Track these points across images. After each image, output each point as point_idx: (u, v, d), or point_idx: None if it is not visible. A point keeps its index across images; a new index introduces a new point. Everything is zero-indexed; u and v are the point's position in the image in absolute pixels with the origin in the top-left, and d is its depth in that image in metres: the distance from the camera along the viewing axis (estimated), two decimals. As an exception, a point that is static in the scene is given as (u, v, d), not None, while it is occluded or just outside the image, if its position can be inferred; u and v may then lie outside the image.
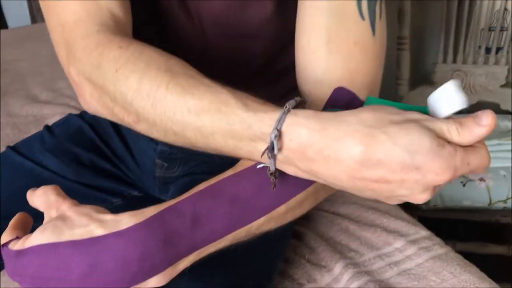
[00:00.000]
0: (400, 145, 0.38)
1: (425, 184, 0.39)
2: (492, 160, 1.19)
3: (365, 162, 0.38)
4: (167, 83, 0.44)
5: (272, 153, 0.41)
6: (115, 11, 0.55)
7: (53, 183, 0.76)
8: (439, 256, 0.75)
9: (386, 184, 0.39)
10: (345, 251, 0.76)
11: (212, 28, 0.66)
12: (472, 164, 0.40)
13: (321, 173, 0.41)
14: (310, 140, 0.40)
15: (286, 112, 0.41)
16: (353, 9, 0.53)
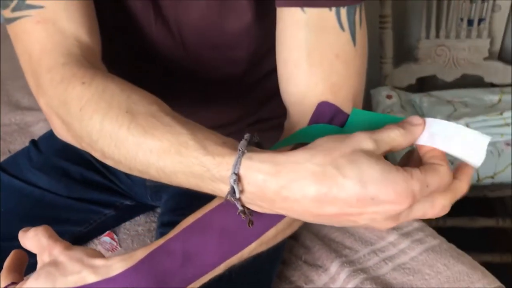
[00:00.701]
0: (351, 178, 0.38)
1: (384, 214, 0.39)
2: (479, 137, 1.21)
3: (321, 199, 0.39)
4: (128, 124, 0.45)
5: (234, 196, 0.41)
6: (81, 37, 0.55)
7: (44, 201, 0.78)
8: (432, 248, 0.76)
9: (347, 216, 0.39)
10: (340, 248, 0.77)
11: (192, 38, 0.65)
12: (432, 185, 0.39)
13: (284, 211, 0.42)
14: (267, 184, 0.40)
15: (241, 156, 0.41)
16: (332, 20, 0.52)
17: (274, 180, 0.40)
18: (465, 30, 1.42)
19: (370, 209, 0.38)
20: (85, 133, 0.48)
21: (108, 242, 0.83)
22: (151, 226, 0.86)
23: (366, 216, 0.39)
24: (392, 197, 0.37)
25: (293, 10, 0.52)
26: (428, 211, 0.40)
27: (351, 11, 0.52)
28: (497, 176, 1.20)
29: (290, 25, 0.53)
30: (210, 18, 0.62)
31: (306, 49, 0.52)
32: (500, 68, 1.46)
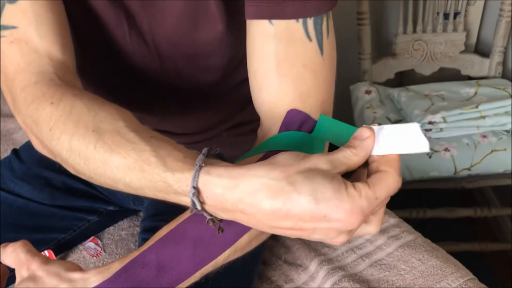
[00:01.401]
0: (305, 194, 0.39)
1: (336, 230, 0.41)
2: (456, 130, 1.24)
3: (276, 213, 0.40)
4: (94, 143, 0.47)
5: (196, 208, 0.43)
6: (54, 55, 0.56)
7: (27, 210, 0.79)
8: (407, 244, 0.79)
9: (301, 231, 0.42)
10: (319, 247, 0.80)
11: (167, 48, 0.66)
12: (381, 196, 0.41)
13: (244, 222, 0.44)
14: (225, 197, 0.42)
15: (199, 170, 0.43)
16: (300, 31, 0.53)
17: (231, 193, 0.41)
18: (442, 24, 1.45)
19: (323, 225, 0.40)
20: (56, 152, 0.50)
21: (92, 247, 0.84)
22: (135, 230, 0.87)
23: (320, 231, 0.41)
24: (342, 216, 0.39)
25: (261, 23, 0.54)
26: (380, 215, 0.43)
27: (317, 21, 0.54)
28: (473, 168, 1.23)
29: (259, 37, 0.55)
30: (183, 29, 0.64)
31: (275, 60, 0.54)
32: (477, 61, 1.49)
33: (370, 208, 0.40)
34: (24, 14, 0.55)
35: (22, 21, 0.55)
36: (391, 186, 0.41)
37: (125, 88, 0.73)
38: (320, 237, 0.42)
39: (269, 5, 0.53)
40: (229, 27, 0.64)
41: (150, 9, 0.62)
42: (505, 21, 1.40)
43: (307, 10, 0.53)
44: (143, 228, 0.78)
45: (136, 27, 0.65)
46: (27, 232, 0.78)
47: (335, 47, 0.58)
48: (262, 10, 0.54)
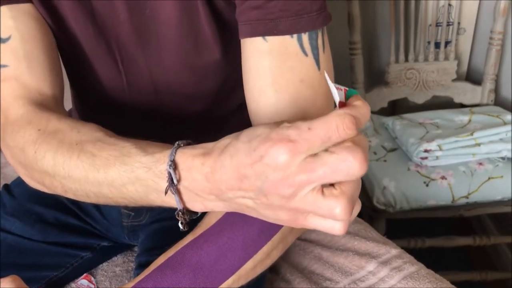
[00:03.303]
0: (243, 139, 0.39)
1: (273, 168, 0.36)
2: (451, 158, 1.23)
3: (235, 170, 0.39)
4: (78, 153, 0.49)
5: (173, 186, 0.43)
6: (43, 90, 0.59)
7: (18, 247, 0.76)
8: (411, 275, 0.77)
9: (252, 190, 0.39)
10: (320, 280, 0.77)
11: (162, 77, 0.66)
12: (316, 128, 0.35)
13: (215, 191, 0.41)
14: (200, 162, 0.42)
15: (177, 147, 0.44)
16: (295, 47, 0.53)
17: (205, 158, 0.42)
18: (433, 53, 1.46)
19: (260, 166, 0.37)
20: (43, 172, 0.51)
21: (85, 285, 0.81)
22: (129, 266, 0.85)
23: (263, 178, 0.37)
24: (269, 146, 0.36)
25: (255, 40, 0.53)
26: (327, 163, 0.35)
27: (312, 36, 0.53)
28: (471, 196, 1.22)
29: (254, 54, 0.54)
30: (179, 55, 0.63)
31: (271, 76, 0.53)
32: (469, 88, 1.50)
33: (300, 136, 0.35)
34: (14, 53, 0.57)
35: (12, 59, 0.57)
36: (331, 121, 0.35)
37: (119, 117, 0.72)
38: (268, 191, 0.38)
39: (262, 22, 0.53)
40: (225, 51, 0.63)
41: (143, 38, 0.62)
42: (495, 49, 1.42)
43: (301, 25, 0.53)
44: (138, 263, 0.75)
45: (128, 57, 0.64)
46: (18, 270, 0.75)
47: (331, 62, 0.57)
48: (255, 27, 0.53)
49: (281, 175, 0.36)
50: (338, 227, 0.38)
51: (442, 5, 1.43)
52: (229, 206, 0.43)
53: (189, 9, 0.58)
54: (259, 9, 0.52)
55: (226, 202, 0.42)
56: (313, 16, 0.53)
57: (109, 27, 0.61)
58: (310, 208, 0.37)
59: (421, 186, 1.22)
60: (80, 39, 0.63)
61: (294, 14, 0.52)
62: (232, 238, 0.50)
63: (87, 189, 0.50)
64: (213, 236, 0.50)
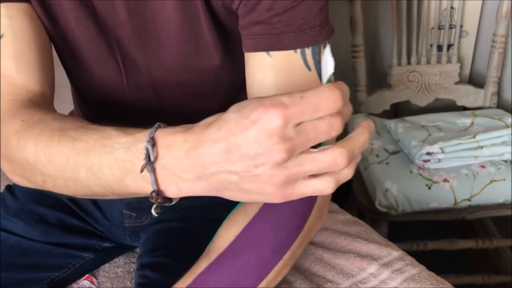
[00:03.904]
0: (232, 110, 0.39)
1: (266, 133, 0.37)
2: (454, 160, 1.23)
3: (217, 141, 0.39)
4: (59, 138, 0.49)
5: (150, 164, 0.42)
6: (32, 87, 0.60)
7: (20, 248, 0.76)
8: (412, 278, 0.76)
9: (241, 160, 0.38)
10: (322, 282, 0.77)
11: (162, 77, 0.66)
12: (308, 97, 0.37)
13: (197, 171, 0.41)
14: (180, 138, 0.42)
15: (157, 127, 0.44)
16: (298, 61, 0.53)
17: (187, 134, 0.41)
18: (435, 56, 1.46)
19: (252, 133, 0.37)
20: (24, 161, 0.51)
21: (87, 286, 0.81)
22: (131, 267, 0.85)
23: (254, 146, 0.37)
24: (262, 111, 0.36)
25: (259, 55, 0.54)
26: (317, 127, 0.37)
27: (315, 51, 0.54)
28: (473, 199, 1.22)
29: (258, 69, 0.55)
30: (179, 58, 0.63)
31: (275, 91, 0.54)
32: (471, 91, 1.50)
33: (292, 101, 0.36)
34: (4, 51, 0.58)
35: (1, 56, 0.58)
36: (323, 92, 0.37)
37: (119, 117, 0.73)
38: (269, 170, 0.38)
39: (266, 38, 0.53)
40: (225, 57, 0.63)
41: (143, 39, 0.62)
42: (497, 52, 1.42)
43: (304, 41, 0.53)
44: (140, 264, 0.75)
45: (129, 58, 0.65)
46: (20, 270, 0.76)
47: (333, 76, 0.57)
48: (259, 42, 0.54)
49: (275, 140, 0.37)
50: (330, 184, 0.39)
51: (445, 8, 1.43)
52: (208, 185, 0.41)
53: (190, 15, 0.59)
54: (263, 24, 0.53)
55: (206, 180, 0.41)
56: (315, 31, 0.53)
57: (110, 28, 0.62)
58: (309, 165, 0.38)
59: (424, 189, 1.22)
60: (81, 39, 0.63)
61: (297, 29, 0.52)
62: (247, 261, 0.51)
63: (65, 176, 0.49)
64: (229, 260, 0.51)
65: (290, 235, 0.53)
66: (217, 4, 0.57)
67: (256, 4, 0.52)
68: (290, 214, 0.53)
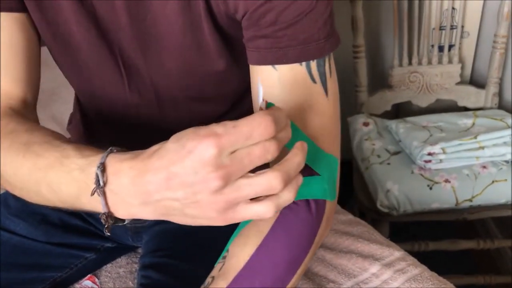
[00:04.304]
0: (172, 140, 0.41)
1: (202, 164, 0.39)
2: (455, 161, 1.23)
3: (159, 168, 0.41)
4: (24, 153, 0.52)
5: (100, 188, 0.44)
6: (14, 93, 0.63)
7: (22, 248, 0.76)
8: (414, 278, 0.76)
9: (182, 188, 0.40)
10: (324, 282, 0.77)
11: (164, 85, 0.66)
12: (242, 127, 0.39)
13: (143, 196, 0.43)
14: (127, 165, 0.44)
15: (109, 152, 0.46)
16: (303, 74, 0.54)
17: (133, 162, 0.43)
18: (437, 57, 1.46)
19: (189, 163, 0.39)
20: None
21: (89, 286, 0.81)
22: (133, 267, 0.85)
23: (192, 175, 0.39)
24: (197, 141, 0.38)
25: (264, 68, 0.54)
26: (251, 153, 0.39)
27: (320, 63, 0.54)
28: (475, 199, 1.22)
29: (263, 82, 0.55)
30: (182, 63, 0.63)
31: (280, 104, 0.54)
32: (473, 92, 1.50)
33: (225, 131, 0.38)
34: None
35: None
36: (254, 120, 0.39)
37: (121, 120, 0.73)
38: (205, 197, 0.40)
39: (271, 51, 0.53)
40: (231, 62, 0.63)
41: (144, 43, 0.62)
42: (499, 53, 1.42)
43: (310, 53, 0.53)
44: (142, 265, 0.75)
45: (130, 61, 0.64)
46: (22, 271, 0.76)
47: (337, 84, 0.58)
48: (264, 55, 0.54)
49: (210, 169, 0.38)
50: (269, 208, 0.41)
51: (446, 8, 1.43)
52: (154, 210, 0.43)
53: (192, 21, 0.58)
54: (268, 38, 0.53)
55: (152, 206, 0.43)
56: (321, 43, 0.53)
57: (111, 31, 0.62)
58: (246, 190, 0.40)
59: (425, 189, 1.22)
60: (82, 42, 0.63)
61: (302, 43, 0.53)
62: (263, 281, 0.52)
63: (29, 189, 0.52)
64: (246, 281, 0.52)
65: (302, 250, 0.54)
66: (219, 13, 0.56)
67: (260, 18, 0.52)
68: (301, 230, 0.54)
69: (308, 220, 0.54)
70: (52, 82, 1.39)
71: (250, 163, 0.39)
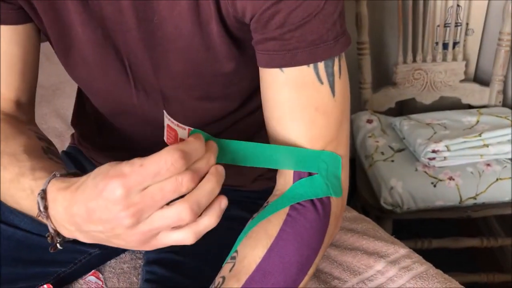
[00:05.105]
0: (91, 177, 0.44)
1: (111, 202, 0.41)
2: (459, 158, 1.23)
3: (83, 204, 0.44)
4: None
5: (43, 213, 0.48)
6: (8, 95, 0.65)
7: (27, 243, 0.76)
8: (419, 275, 0.76)
9: (100, 223, 0.43)
10: (329, 279, 0.77)
11: (171, 84, 0.66)
12: (148, 164, 0.40)
13: (75, 224, 0.46)
14: (60, 196, 0.47)
15: (52, 177, 0.49)
16: (311, 75, 0.53)
17: (65, 192, 0.46)
18: (441, 54, 1.46)
19: (101, 201, 0.41)
20: None
21: (93, 281, 0.81)
22: (137, 263, 0.85)
23: (105, 211, 0.42)
24: (104, 180, 0.41)
25: (272, 71, 0.54)
26: (163, 188, 0.41)
27: (329, 64, 0.54)
28: (479, 197, 1.21)
29: (271, 85, 0.55)
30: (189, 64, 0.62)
31: (288, 107, 0.55)
32: (477, 89, 1.49)
33: (131, 170, 0.40)
34: None
35: None
36: (161, 157, 0.40)
37: (127, 121, 0.73)
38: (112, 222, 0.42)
39: (279, 54, 0.53)
40: (240, 63, 0.62)
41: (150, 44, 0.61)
42: (504, 50, 1.41)
43: (318, 55, 0.53)
44: (147, 260, 0.75)
45: (137, 62, 0.64)
46: (26, 265, 0.76)
47: (348, 85, 0.58)
48: (273, 58, 0.54)
49: (120, 207, 0.41)
50: (188, 236, 0.43)
51: (451, 6, 1.43)
52: (88, 238, 0.47)
53: (200, 24, 0.57)
54: (276, 40, 0.52)
55: (84, 234, 0.47)
56: (330, 44, 0.53)
57: (117, 31, 0.61)
58: (158, 223, 0.42)
59: (429, 187, 1.22)
60: (88, 43, 0.62)
61: (311, 44, 0.52)
62: (275, 282, 0.52)
63: (4, 194, 0.56)
64: (259, 283, 0.52)
65: (313, 251, 0.54)
66: (228, 16, 0.56)
67: (268, 20, 0.52)
68: (310, 230, 0.54)
69: (316, 220, 0.54)
70: (56, 77, 1.39)
71: (162, 198, 0.41)
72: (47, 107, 1.25)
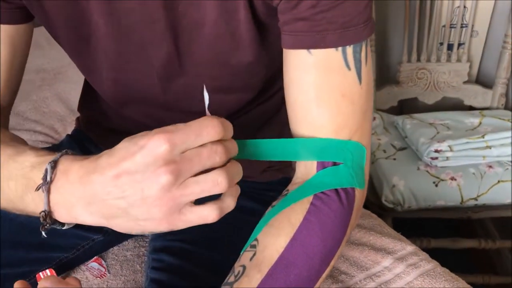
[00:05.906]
0: (123, 142, 0.43)
1: (153, 156, 0.40)
2: (462, 159, 1.22)
3: (109, 167, 0.43)
4: None
5: (46, 184, 0.45)
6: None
7: (30, 226, 0.75)
8: (427, 273, 0.76)
9: (132, 183, 0.41)
10: (336, 274, 0.76)
11: (194, 73, 0.64)
12: (192, 126, 0.41)
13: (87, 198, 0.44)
14: (76, 166, 0.45)
15: (64, 153, 0.47)
16: (339, 60, 0.52)
17: (83, 161, 0.45)
18: (445, 54, 1.45)
19: (140, 157, 0.40)
20: None
21: (96, 268, 0.80)
22: (140, 251, 0.83)
23: (144, 166, 0.41)
24: (149, 136, 0.41)
25: (299, 52, 0.52)
26: (201, 153, 0.41)
27: (357, 49, 0.52)
28: (480, 198, 1.22)
29: (297, 67, 0.53)
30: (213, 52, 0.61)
31: (314, 91, 0.53)
32: (480, 91, 1.49)
33: (176, 130, 0.41)
34: None
35: None
36: (205, 120, 0.42)
37: (151, 109, 0.71)
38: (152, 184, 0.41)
39: (308, 35, 0.51)
40: (260, 52, 0.61)
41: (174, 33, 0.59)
42: (508, 53, 1.41)
43: (347, 38, 0.52)
44: (153, 248, 0.74)
45: (162, 50, 0.62)
46: (28, 250, 0.74)
47: (372, 73, 0.56)
48: (300, 39, 0.52)
49: (161, 162, 0.40)
50: (214, 211, 0.42)
51: (458, 6, 1.42)
52: (97, 212, 0.44)
53: (228, 12, 0.56)
54: (306, 20, 0.51)
55: (95, 206, 0.43)
56: (360, 28, 0.52)
57: (141, 22, 0.59)
58: (192, 188, 0.41)
59: (431, 186, 1.21)
60: (108, 34, 0.60)
61: (341, 27, 0.51)
62: (299, 273, 0.51)
63: None
64: (282, 273, 0.50)
65: (336, 242, 0.53)
66: (258, 3, 0.55)
67: (299, 2, 0.51)
68: (334, 221, 0.53)
69: (340, 211, 0.53)
70: (57, 61, 1.37)
71: (199, 163, 0.41)
72: (48, 90, 1.23)
